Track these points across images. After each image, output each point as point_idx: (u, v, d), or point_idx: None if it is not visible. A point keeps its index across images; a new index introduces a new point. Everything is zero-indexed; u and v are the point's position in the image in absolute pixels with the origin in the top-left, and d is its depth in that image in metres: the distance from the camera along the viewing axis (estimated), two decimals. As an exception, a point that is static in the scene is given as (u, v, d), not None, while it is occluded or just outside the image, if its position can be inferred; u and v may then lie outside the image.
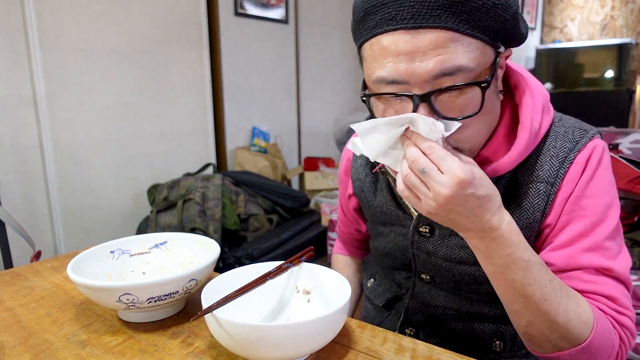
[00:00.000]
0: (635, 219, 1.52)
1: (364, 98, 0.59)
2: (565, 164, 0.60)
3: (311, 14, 3.02)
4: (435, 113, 0.52)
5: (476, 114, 0.53)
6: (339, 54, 3.31)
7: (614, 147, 1.93)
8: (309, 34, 3.03)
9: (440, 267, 0.70)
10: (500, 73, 0.58)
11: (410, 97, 0.53)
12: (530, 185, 0.61)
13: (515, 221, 0.61)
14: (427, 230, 0.69)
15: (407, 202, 0.71)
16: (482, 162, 0.60)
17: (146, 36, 2.10)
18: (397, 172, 0.66)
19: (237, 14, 2.51)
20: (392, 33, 0.51)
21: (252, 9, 2.59)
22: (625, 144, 1.99)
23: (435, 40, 0.50)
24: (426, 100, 0.52)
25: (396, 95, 0.54)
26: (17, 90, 1.71)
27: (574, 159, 0.60)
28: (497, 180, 0.63)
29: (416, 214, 0.70)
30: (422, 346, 0.57)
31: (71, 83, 1.86)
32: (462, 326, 0.70)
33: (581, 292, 0.59)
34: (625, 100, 4.01)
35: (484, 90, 0.52)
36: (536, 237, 0.63)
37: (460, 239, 0.67)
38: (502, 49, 0.55)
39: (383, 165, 0.73)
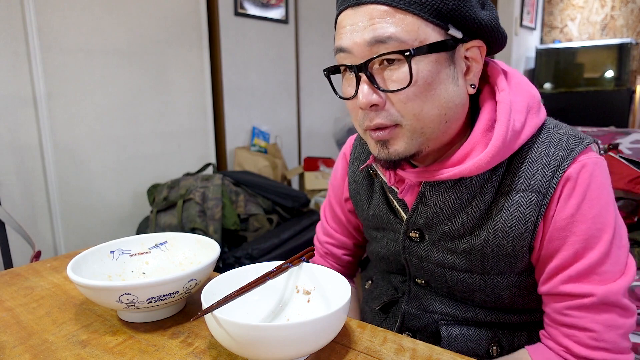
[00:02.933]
0: (635, 219, 1.52)
1: (325, 72, 0.63)
2: (557, 173, 0.59)
3: (311, 14, 3.02)
4: (373, 84, 0.56)
5: (406, 87, 0.54)
6: (339, 54, 3.31)
7: (614, 147, 1.93)
8: (309, 34, 3.03)
9: (433, 272, 0.70)
10: (475, 68, 0.60)
11: (352, 67, 0.57)
12: (522, 195, 0.60)
13: (507, 230, 0.61)
14: (417, 235, 0.69)
15: (397, 206, 0.71)
16: (460, 160, 0.60)
17: (146, 36, 2.10)
18: (386, 172, 0.67)
19: (237, 14, 2.51)
20: (344, 11, 0.58)
21: (252, 9, 2.59)
22: (625, 144, 1.98)
23: (371, 13, 0.54)
24: (363, 69, 0.56)
25: (344, 66, 0.59)
26: (17, 90, 1.71)
27: (566, 168, 0.58)
28: (483, 183, 0.62)
29: (406, 217, 0.70)
30: (422, 346, 0.57)
31: (71, 83, 1.86)
32: (459, 331, 0.70)
33: (559, 324, 0.60)
34: (625, 100, 4.01)
35: (408, 59, 0.53)
36: (529, 249, 0.62)
37: (451, 244, 0.66)
38: (455, 32, 0.56)
39: (372, 165, 0.74)
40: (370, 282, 0.87)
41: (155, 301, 0.59)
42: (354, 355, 0.56)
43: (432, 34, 0.55)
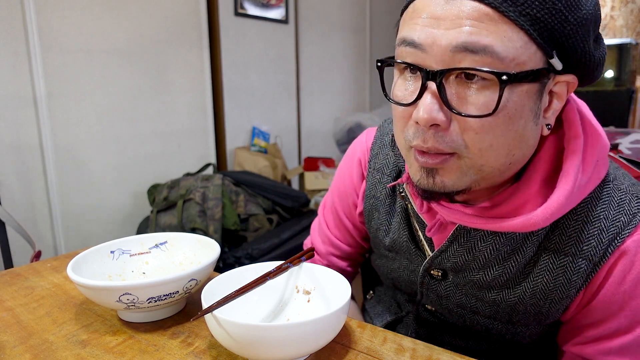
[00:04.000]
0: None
1: (379, 64, 0.52)
2: (615, 242, 0.51)
3: (311, 14, 3.02)
4: (442, 99, 0.45)
5: (487, 115, 0.44)
6: (339, 54, 3.31)
7: (613, 147, 1.93)
8: (309, 34, 3.03)
9: (451, 311, 0.65)
10: (556, 105, 0.50)
11: (422, 70, 0.46)
12: (570, 259, 0.53)
13: (547, 293, 0.56)
14: (440, 274, 0.62)
15: (422, 238, 0.64)
16: (510, 212, 0.52)
17: (146, 36, 2.10)
18: (417, 198, 0.58)
19: (237, 14, 2.50)
20: None
21: (252, 9, 2.59)
22: (625, 144, 1.98)
23: (469, 11, 0.43)
24: (437, 78, 0.45)
25: (408, 65, 0.48)
26: (17, 90, 1.71)
27: (625, 239, 0.51)
28: (527, 236, 0.54)
29: (430, 253, 0.63)
30: (422, 346, 0.57)
31: (71, 83, 1.86)
32: None
33: None
34: (625, 100, 4.01)
35: (502, 84, 0.43)
36: (564, 310, 0.57)
37: (479, 291, 0.60)
38: (557, 63, 0.46)
39: (402, 185, 0.64)
40: (372, 292, 0.82)
41: (156, 301, 0.59)
42: (354, 355, 0.56)
43: (532, 58, 0.44)
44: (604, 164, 0.53)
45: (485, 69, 0.43)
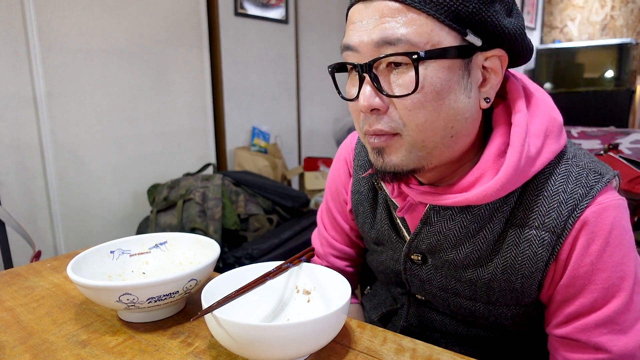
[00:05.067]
0: (635, 219, 1.52)
1: (329, 69, 0.59)
2: (575, 213, 0.54)
3: (311, 14, 3.02)
4: (376, 87, 0.52)
5: (411, 93, 0.50)
6: (339, 54, 3.30)
7: (613, 147, 1.93)
8: (309, 34, 3.03)
9: (435, 295, 0.68)
10: (493, 80, 0.54)
11: (356, 66, 0.53)
12: (534, 232, 0.56)
13: (517, 267, 0.57)
14: (420, 259, 0.66)
15: (401, 225, 0.68)
16: (468, 187, 0.56)
17: (146, 36, 2.10)
18: (388, 184, 0.62)
19: (237, 14, 2.51)
20: (355, 5, 0.53)
21: (252, 9, 2.59)
22: (625, 144, 1.99)
23: (382, 10, 0.50)
24: (367, 70, 0.52)
25: (347, 65, 0.55)
26: (17, 90, 1.71)
27: (584, 209, 0.54)
28: (493, 212, 0.57)
29: (409, 238, 0.66)
30: (422, 346, 0.57)
31: (71, 83, 1.86)
32: (459, 350, 0.68)
33: None
34: (625, 100, 4.01)
35: (415, 62, 0.49)
36: (538, 287, 0.59)
37: (455, 272, 0.63)
38: (474, 39, 0.50)
39: (374, 174, 0.68)
40: (368, 288, 0.85)
41: (155, 301, 0.59)
42: (354, 355, 0.56)
43: (446, 38, 0.49)
44: (555, 137, 0.57)
45: (397, 52, 0.49)
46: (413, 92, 0.50)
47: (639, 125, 4.10)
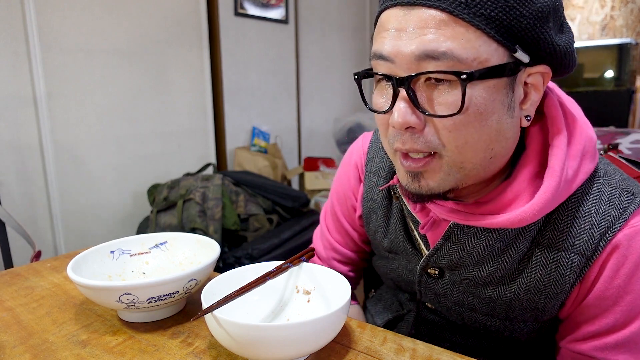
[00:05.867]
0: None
1: (355, 77, 0.54)
2: (607, 236, 0.52)
3: (311, 14, 3.02)
4: (413, 103, 0.48)
5: (455, 114, 0.46)
6: (339, 54, 3.31)
7: (613, 147, 1.93)
8: (309, 34, 3.03)
9: (449, 309, 0.66)
10: (534, 97, 0.51)
11: (392, 79, 0.48)
12: (563, 254, 0.54)
13: (541, 289, 0.56)
14: (437, 272, 0.63)
15: (418, 237, 0.65)
16: (500, 208, 0.53)
17: (146, 36, 2.10)
18: (408, 199, 0.58)
19: (237, 14, 2.51)
20: (391, 8, 0.48)
21: (252, 9, 2.59)
22: (625, 144, 1.99)
23: (426, 19, 0.45)
24: (405, 84, 0.47)
25: (380, 75, 0.51)
26: (17, 90, 1.71)
27: (616, 233, 0.52)
28: (519, 232, 0.55)
29: (427, 252, 0.64)
30: (422, 346, 0.57)
31: (71, 83, 1.86)
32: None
33: None
34: (625, 100, 4.01)
35: (463, 82, 0.45)
36: (560, 305, 0.58)
37: (475, 288, 0.61)
38: (522, 56, 0.47)
39: (395, 186, 0.65)
40: (373, 291, 0.84)
41: (156, 301, 0.59)
42: (354, 355, 0.56)
43: (494, 55, 0.46)
44: (591, 157, 0.54)
45: (442, 70, 0.45)
46: (457, 113, 0.46)
47: (639, 125, 4.10)
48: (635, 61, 4.37)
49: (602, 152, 1.49)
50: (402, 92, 0.48)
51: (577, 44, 4.51)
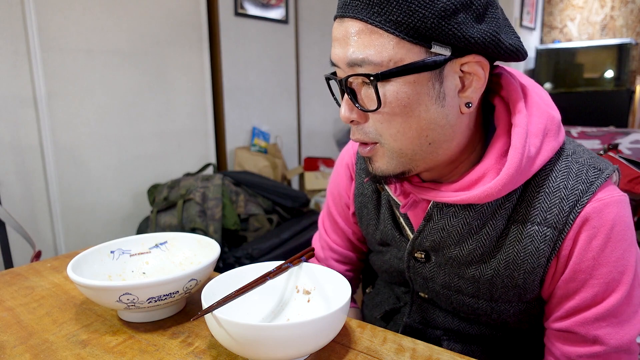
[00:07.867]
0: (636, 218, 1.52)
1: (326, 78, 0.61)
2: (576, 209, 0.55)
3: (311, 14, 3.02)
4: (352, 100, 0.55)
5: (377, 108, 0.52)
6: (339, 54, 3.31)
7: (613, 147, 1.93)
8: (309, 34, 3.03)
9: (438, 293, 0.68)
10: (476, 84, 0.54)
11: (336, 81, 0.56)
12: (537, 228, 0.57)
13: (519, 263, 0.58)
14: (423, 256, 0.67)
15: (404, 223, 0.69)
16: (471, 185, 0.57)
17: (146, 36, 2.10)
18: (392, 188, 0.64)
19: (237, 14, 2.51)
20: (335, 20, 0.55)
21: (252, 9, 2.59)
22: (625, 144, 1.99)
23: (350, 30, 0.52)
24: (344, 85, 0.55)
25: (332, 77, 0.58)
26: (17, 90, 1.71)
27: (585, 205, 0.55)
28: (495, 209, 0.58)
29: (412, 236, 0.67)
30: (422, 346, 0.58)
31: (71, 83, 1.86)
32: (461, 348, 0.69)
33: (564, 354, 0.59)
34: (625, 100, 4.01)
35: (373, 83, 0.51)
36: (540, 282, 0.60)
37: (458, 269, 0.64)
38: (442, 50, 0.50)
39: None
40: (371, 287, 0.86)
41: (156, 301, 0.59)
42: (354, 355, 0.56)
43: (408, 54, 0.50)
44: (554, 135, 0.58)
45: (357, 74, 0.52)
46: (377, 108, 0.52)
47: (638, 125, 4.10)
48: (635, 61, 4.37)
49: (602, 152, 1.49)
50: (345, 92, 0.55)
51: (577, 44, 4.51)
